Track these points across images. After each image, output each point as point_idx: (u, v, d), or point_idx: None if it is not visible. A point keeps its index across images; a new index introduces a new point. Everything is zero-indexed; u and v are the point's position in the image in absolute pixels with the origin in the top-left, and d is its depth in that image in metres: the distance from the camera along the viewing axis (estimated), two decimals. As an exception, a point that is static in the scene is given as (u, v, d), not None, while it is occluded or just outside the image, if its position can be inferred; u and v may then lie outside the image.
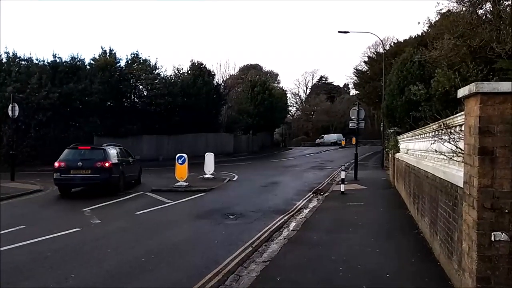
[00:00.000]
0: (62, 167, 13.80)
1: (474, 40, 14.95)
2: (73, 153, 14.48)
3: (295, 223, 10.26)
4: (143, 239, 8.28)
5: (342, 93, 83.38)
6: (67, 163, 13.88)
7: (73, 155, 14.36)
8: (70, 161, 13.94)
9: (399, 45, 36.64)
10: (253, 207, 12.12)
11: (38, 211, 11.61)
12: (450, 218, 5.58)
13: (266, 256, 7.36)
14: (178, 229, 9.28)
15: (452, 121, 4.95)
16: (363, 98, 46.36)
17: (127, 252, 7.38)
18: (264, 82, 51.95)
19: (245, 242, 8.17)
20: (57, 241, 8.03)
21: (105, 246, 7.74)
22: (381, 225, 9.41)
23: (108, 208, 12.17)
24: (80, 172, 13.89)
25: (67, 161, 13.97)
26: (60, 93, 29.36)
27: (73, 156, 14.30)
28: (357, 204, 12.39)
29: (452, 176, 5.33)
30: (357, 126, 19.72)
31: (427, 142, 8.49)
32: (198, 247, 7.80)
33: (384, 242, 7.85)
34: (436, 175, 6.56)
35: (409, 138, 12.50)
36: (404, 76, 18.24)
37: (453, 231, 5.40)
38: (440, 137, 5.04)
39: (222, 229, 9.34)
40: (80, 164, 13.87)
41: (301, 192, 15.59)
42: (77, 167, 13.83)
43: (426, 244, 7.50)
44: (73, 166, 13.81)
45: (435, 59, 16.82)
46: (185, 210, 11.89)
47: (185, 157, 16.18)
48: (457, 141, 4.79)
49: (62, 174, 13.86)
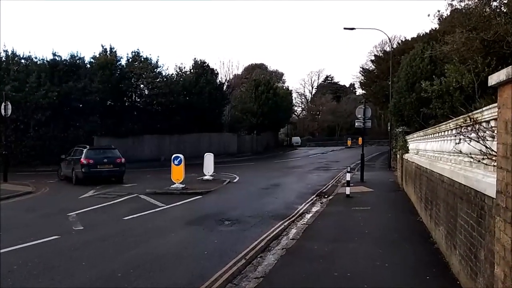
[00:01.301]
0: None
1: (488, 33, 14.00)
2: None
3: (295, 230, 9.43)
4: (124, 250, 7.46)
5: (348, 92, 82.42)
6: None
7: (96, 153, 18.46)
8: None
9: (407, 43, 35.66)
10: (251, 212, 11.28)
11: (20, 216, 10.86)
12: (473, 232, 4.70)
13: (260, 270, 6.53)
14: (166, 238, 8.45)
15: (480, 115, 4.06)
16: (370, 98, 45.30)
17: (104, 265, 6.56)
18: (268, 81, 51.10)
19: (239, 252, 7.34)
20: (29, 252, 7.24)
21: (80, 257, 6.93)
22: (390, 234, 8.53)
23: (95, 213, 11.40)
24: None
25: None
26: (59, 92, 28.74)
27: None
28: (363, 209, 11.51)
29: (477, 182, 4.45)
30: (363, 126, 18.81)
31: (442, 141, 7.63)
32: (185, 259, 6.96)
33: (394, 255, 6.97)
34: (454, 180, 5.69)
35: (419, 138, 11.61)
36: (413, 72, 17.27)
37: (478, 248, 4.52)
38: (465, 135, 4.16)
39: (214, 237, 8.51)
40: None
41: (304, 195, 14.74)
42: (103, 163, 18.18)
43: (442, 258, 6.62)
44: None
45: (446, 54, 15.87)
46: (177, 215, 11.06)
47: (181, 157, 15.38)
48: (486, 140, 3.91)
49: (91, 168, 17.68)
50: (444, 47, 15.85)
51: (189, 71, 39.36)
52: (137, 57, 34.34)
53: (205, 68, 39.27)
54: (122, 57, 34.01)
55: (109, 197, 13.94)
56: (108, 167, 18.13)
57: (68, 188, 16.86)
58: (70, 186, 17.71)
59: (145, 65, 33.84)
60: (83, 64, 32.35)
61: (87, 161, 17.51)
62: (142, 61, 34.21)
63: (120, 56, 33.76)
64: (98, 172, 17.80)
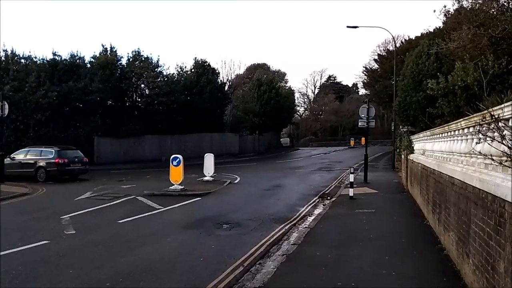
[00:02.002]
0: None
1: (497, 29, 13.54)
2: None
3: (297, 234, 9.04)
4: (115, 256, 7.07)
5: (351, 92, 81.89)
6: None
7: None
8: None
9: (411, 42, 35.26)
10: (252, 215, 10.89)
11: (12, 219, 10.48)
12: (491, 241, 4.28)
13: (258, 279, 6.13)
14: (160, 243, 8.05)
15: (501, 111, 3.64)
16: (373, 98, 44.88)
17: (92, 273, 6.17)
18: (270, 81, 50.67)
19: (237, 259, 6.95)
20: (14, 258, 6.85)
21: (68, 265, 6.53)
22: (396, 239, 8.10)
23: (90, 215, 11.00)
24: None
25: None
26: (59, 92, 28.35)
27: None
28: (367, 211, 11.09)
29: (495, 186, 4.03)
30: (367, 125, 18.36)
31: (451, 141, 7.19)
32: (179, 267, 6.56)
33: (401, 262, 6.55)
34: (467, 183, 5.26)
35: (426, 138, 11.17)
36: (419, 69, 16.80)
37: (496, 259, 4.10)
38: (484, 133, 3.73)
39: (212, 242, 8.11)
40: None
41: (306, 196, 14.33)
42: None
43: (452, 266, 6.20)
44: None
45: (453, 51, 15.41)
46: (174, 218, 10.65)
47: (180, 158, 14.99)
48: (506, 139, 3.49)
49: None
50: (450, 44, 15.40)
51: (190, 71, 39.00)
52: (137, 57, 33.98)
53: (206, 68, 38.90)
54: (122, 57, 33.77)
55: (106, 199, 13.57)
56: (78, 166, 20.36)
57: (65, 190, 16.48)
58: (68, 188, 17.35)
59: (145, 64, 33.46)
60: (83, 63, 31.95)
61: (62, 161, 19.38)
62: (143, 61, 33.85)
63: (120, 55, 33.51)
64: (71, 169, 19.97)
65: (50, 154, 19.49)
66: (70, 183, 18.85)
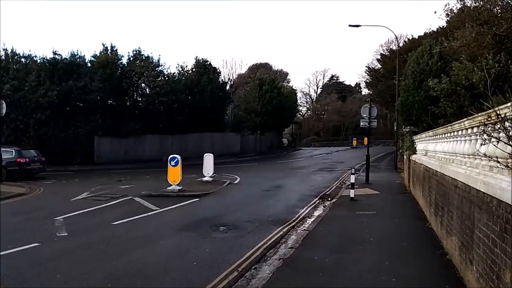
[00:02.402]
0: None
1: (501, 27, 13.25)
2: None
3: (295, 237, 8.81)
4: (107, 260, 6.84)
5: (353, 92, 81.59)
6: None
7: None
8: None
9: (414, 41, 34.85)
10: (250, 216, 10.66)
11: (5, 220, 10.25)
12: (496, 248, 4.04)
13: (253, 284, 5.92)
14: (154, 246, 7.83)
15: (508, 110, 3.40)
16: (376, 97, 44.53)
17: (80, 278, 5.95)
18: (272, 80, 50.37)
19: (231, 263, 6.73)
20: (3, 261, 6.63)
21: (57, 269, 6.32)
22: (397, 242, 7.86)
23: (84, 217, 10.79)
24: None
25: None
26: (59, 91, 28.22)
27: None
28: (368, 213, 10.84)
29: (500, 190, 3.79)
30: (369, 125, 18.09)
31: (454, 142, 6.94)
32: (171, 271, 6.33)
33: (402, 267, 6.31)
34: (471, 186, 5.02)
35: (428, 138, 10.92)
36: (421, 69, 16.52)
37: (502, 268, 3.86)
38: (490, 134, 3.49)
39: (207, 245, 7.88)
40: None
41: (306, 197, 14.10)
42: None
43: (455, 271, 5.96)
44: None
45: (456, 50, 15.13)
46: (170, 220, 10.41)
47: (178, 158, 14.77)
48: None
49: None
50: (453, 42, 15.12)
51: (191, 70, 38.78)
52: (138, 56, 33.82)
53: (207, 67, 38.68)
54: (123, 56, 33.61)
55: (102, 200, 13.37)
56: (37, 165, 21.52)
57: (63, 190, 16.30)
58: (65, 188, 17.18)
59: (146, 63, 33.28)
60: (83, 62, 31.80)
61: (24, 160, 20.55)
62: (144, 60, 33.68)
63: (121, 54, 33.34)
64: (32, 168, 21.14)
65: (11, 154, 20.11)
66: (70, 184, 18.68)
